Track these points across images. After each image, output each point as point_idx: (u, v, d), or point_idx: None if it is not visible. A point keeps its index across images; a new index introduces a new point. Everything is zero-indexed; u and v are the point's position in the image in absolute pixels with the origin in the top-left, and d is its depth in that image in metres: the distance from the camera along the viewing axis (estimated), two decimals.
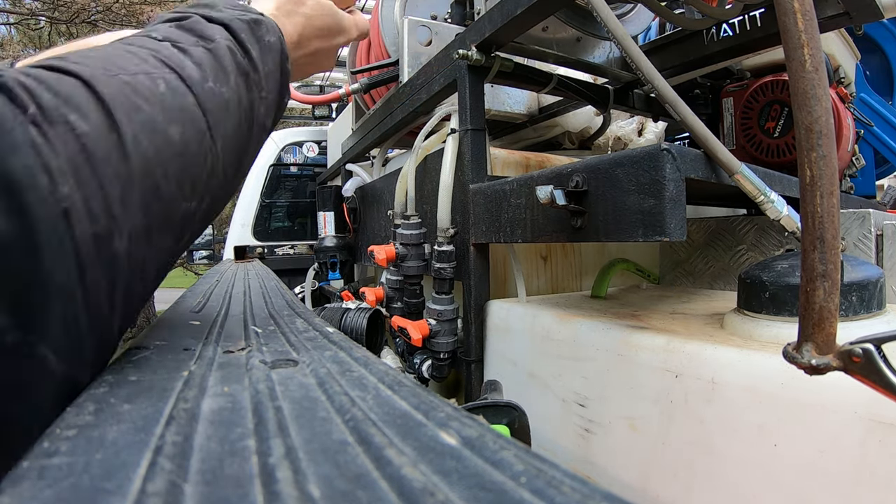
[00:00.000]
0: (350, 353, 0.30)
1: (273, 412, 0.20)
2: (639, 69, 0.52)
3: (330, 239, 1.48)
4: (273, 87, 0.36)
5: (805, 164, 0.32)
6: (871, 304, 0.48)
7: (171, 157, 0.26)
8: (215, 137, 0.29)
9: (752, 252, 0.81)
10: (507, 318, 0.72)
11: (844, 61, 1.17)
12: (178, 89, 0.27)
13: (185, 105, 0.27)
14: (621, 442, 0.52)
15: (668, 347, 0.49)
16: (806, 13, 0.33)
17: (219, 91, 0.30)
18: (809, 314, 0.31)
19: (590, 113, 1.14)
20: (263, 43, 0.35)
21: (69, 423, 0.17)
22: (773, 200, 0.51)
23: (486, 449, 0.16)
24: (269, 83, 0.35)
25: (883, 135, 1.42)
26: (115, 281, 0.23)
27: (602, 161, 0.51)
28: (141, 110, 0.24)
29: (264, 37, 0.36)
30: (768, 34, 0.74)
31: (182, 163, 0.27)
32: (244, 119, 0.32)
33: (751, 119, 1.05)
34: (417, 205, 0.92)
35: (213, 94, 0.29)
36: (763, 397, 0.41)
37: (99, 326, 0.22)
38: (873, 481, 0.35)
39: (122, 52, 0.27)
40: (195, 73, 0.29)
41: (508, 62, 0.80)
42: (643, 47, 0.90)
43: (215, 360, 0.27)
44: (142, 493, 0.13)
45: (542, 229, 0.60)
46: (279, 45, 0.37)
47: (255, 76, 0.34)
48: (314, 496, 0.13)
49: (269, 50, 0.36)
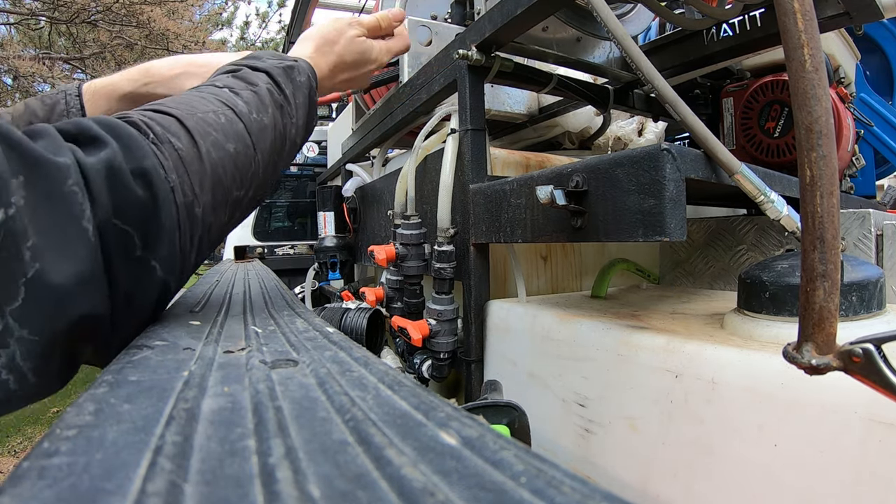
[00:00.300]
0: (350, 353, 0.30)
1: (273, 412, 0.20)
2: (639, 69, 0.52)
3: (330, 239, 1.48)
4: (302, 114, 0.50)
5: (805, 164, 0.32)
6: (871, 304, 0.48)
7: (228, 162, 0.40)
8: (257, 150, 0.43)
9: (752, 252, 0.81)
10: (507, 318, 0.72)
11: (844, 61, 1.17)
12: (233, 120, 0.42)
13: (237, 130, 0.42)
14: (621, 442, 0.52)
15: (668, 347, 0.49)
16: (806, 13, 0.33)
17: (260, 120, 0.44)
18: (809, 314, 0.31)
19: (590, 113, 1.14)
20: (296, 83, 0.50)
21: (69, 423, 0.17)
22: (773, 200, 0.51)
23: (486, 449, 0.16)
24: (299, 111, 0.49)
25: (883, 135, 1.42)
26: (193, 231, 0.37)
27: (602, 161, 0.51)
28: (210, 134, 0.39)
29: (297, 78, 0.50)
30: (768, 34, 0.74)
31: (235, 166, 0.41)
32: (278, 137, 0.46)
33: (751, 119, 1.05)
34: (417, 205, 0.92)
35: (256, 122, 0.43)
36: (763, 397, 0.41)
37: (183, 256, 0.36)
38: (873, 481, 0.35)
39: (198, 98, 0.42)
40: (244, 109, 0.43)
41: (508, 62, 0.79)
42: (643, 47, 0.90)
43: (215, 360, 0.27)
44: (142, 493, 0.13)
45: (542, 229, 0.60)
46: (308, 82, 0.51)
47: (288, 107, 0.48)
48: (314, 496, 0.13)
49: (300, 87, 0.50)
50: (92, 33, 5.64)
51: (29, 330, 0.26)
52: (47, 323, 0.27)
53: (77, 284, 0.28)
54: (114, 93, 0.60)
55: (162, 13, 5.54)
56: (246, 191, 0.43)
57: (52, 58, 5.50)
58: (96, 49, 5.68)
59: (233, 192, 0.41)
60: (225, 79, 0.46)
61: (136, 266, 0.32)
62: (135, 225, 0.31)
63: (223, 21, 7.60)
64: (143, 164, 0.32)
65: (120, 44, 5.68)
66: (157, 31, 5.46)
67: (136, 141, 0.33)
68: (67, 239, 0.27)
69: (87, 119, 0.33)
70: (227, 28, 7.74)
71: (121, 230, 0.30)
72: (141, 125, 0.34)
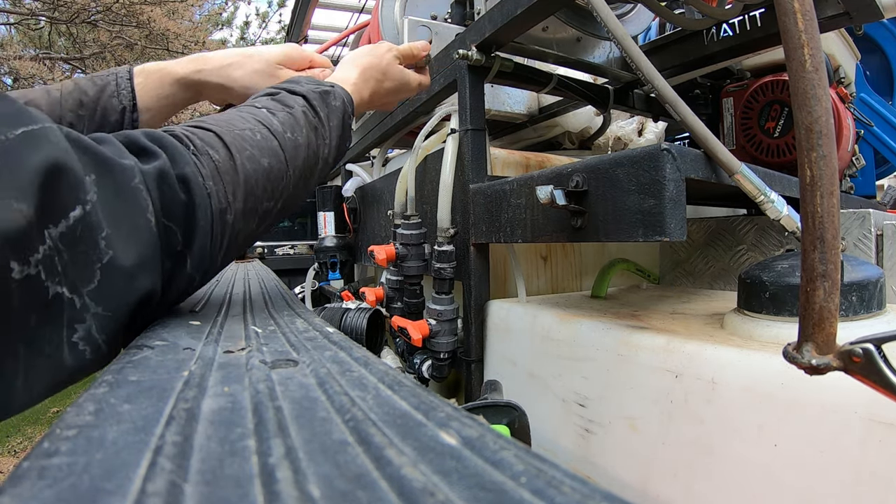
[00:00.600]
0: (350, 353, 0.30)
1: (273, 412, 0.20)
2: (639, 69, 0.52)
3: (330, 239, 1.48)
4: (335, 136, 0.53)
5: (805, 164, 0.32)
6: (871, 304, 0.48)
7: (262, 176, 0.43)
8: (290, 166, 0.47)
9: (752, 252, 0.81)
10: (507, 318, 0.72)
11: (844, 61, 1.17)
12: (268, 137, 0.45)
13: (272, 147, 0.45)
14: (621, 442, 0.52)
15: (668, 347, 0.49)
16: (806, 13, 0.33)
17: (294, 139, 0.47)
18: (809, 314, 0.31)
19: (590, 113, 1.14)
20: (331, 107, 0.53)
21: (69, 423, 0.17)
22: (773, 200, 0.51)
23: (486, 449, 0.16)
24: (332, 133, 0.53)
25: (883, 135, 1.42)
26: (223, 235, 0.40)
27: (602, 161, 0.51)
28: (246, 149, 0.42)
29: (332, 102, 0.53)
30: (768, 34, 0.74)
31: (267, 179, 0.44)
32: (311, 156, 0.50)
33: (751, 119, 1.05)
34: (417, 205, 0.92)
35: (290, 141, 0.47)
36: (763, 397, 0.41)
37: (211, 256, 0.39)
38: (873, 481, 0.35)
39: (237, 117, 0.45)
40: (279, 128, 0.46)
41: (508, 62, 0.80)
42: (643, 47, 0.90)
43: (215, 360, 0.27)
44: (142, 493, 0.13)
45: (542, 229, 0.60)
46: (343, 107, 0.55)
47: (322, 129, 0.51)
48: (314, 496, 0.13)
49: (335, 111, 0.53)
50: (92, 33, 5.64)
51: (103, 307, 0.30)
52: (118, 300, 0.31)
53: (140, 266, 0.32)
54: (167, 76, 0.61)
55: (162, 13, 5.54)
56: (276, 203, 0.46)
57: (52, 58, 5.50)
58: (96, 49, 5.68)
59: (263, 203, 0.44)
60: (264, 100, 0.49)
61: (175, 259, 0.36)
62: (178, 223, 0.36)
63: (223, 21, 7.60)
64: (184, 171, 0.36)
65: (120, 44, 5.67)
66: (157, 31, 5.46)
67: (179, 151, 0.37)
68: (136, 228, 0.32)
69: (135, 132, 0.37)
70: (227, 28, 7.73)
71: (167, 227, 0.35)
72: (183, 138, 0.39)
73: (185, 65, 0.62)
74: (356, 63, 0.63)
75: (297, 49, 0.67)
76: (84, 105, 0.57)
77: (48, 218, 0.27)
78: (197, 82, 0.62)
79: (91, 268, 0.29)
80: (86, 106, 0.57)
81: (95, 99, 0.57)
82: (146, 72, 0.61)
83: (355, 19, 3.12)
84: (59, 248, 0.27)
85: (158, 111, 0.61)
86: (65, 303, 0.28)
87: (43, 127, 0.28)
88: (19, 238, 0.25)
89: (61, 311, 0.28)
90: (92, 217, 0.29)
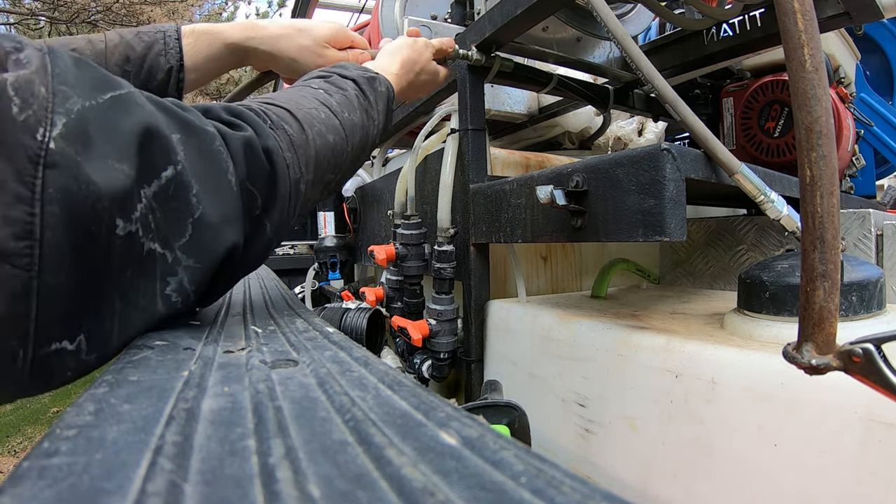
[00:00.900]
0: (350, 353, 0.30)
1: (273, 412, 0.20)
2: (639, 69, 0.52)
3: (330, 239, 1.48)
4: (381, 119, 0.57)
5: (805, 164, 0.32)
6: (871, 304, 0.48)
7: (328, 150, 0.47)
8: (349, 143, 0.50)
9: (752, 252, 0.81)
10: (507, 318, 0.72)
11: (844, 61, 1.17)
12: (330, 116, 0.49)
13: (334, 124, 0.49)
14: (621, 442, 0.52)
15: (668, 347, 0.49)
16: (806, 13, 0.33)
17: (350, 118, 0.51)
18: (809, 314, 0.31)
19: (590, 113, 1.14)
20: (377, 92, 0.57)
21: (69, 423, 0.17)
22: (773, 200, 0.51)
23: (486, 449, 0.16)
24: (379, 115, 0.57)
25: (883, 135, 1.42)
26: (296, 202, 0.43)
27: (602, 161, 0.51)
28: (315, 125, 0.46)
29: (378, 87, 0.57)
30: (768, 34, 0.74)
31: (332, 153, 0.48)
32: (364, 135, 0.54)
33: (751, 119, 1.05)
34: (417, 205, 0.92)
35: (348, 120, 0.51)
36: (763, 397, 0.41)
37: (287, 221, 0.43)
38: (873, 481, 0.35)
39: (300, 96, 0.48)
40: (338, 108, 0.50)
41: (508, 62, 0.80)
42: (643, 47, 0.90)
43: (215, 360, 0.27)
44: (142, 493, 0.13)
45: (542, 229, 0.60)
46: (387, 92, 0.59)
47: (371, 111, 0.55)
48: (314, 496, 0.13)
49: (381, 96, 0.57)
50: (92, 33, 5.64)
51: (195, 259, 0.33)
52: (207, 253, 0.34)
53: (225, 222, 0.35)
54: (217, 39, 0.62)
55: (162, 13, 5.54)
56: (336, 175, 0.50)
57: None
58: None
59: (327, 175, 0.48)
60: (319, 82, 0.53)
61: (254, 223, 0.39)
62: (260, 189, 0.39)
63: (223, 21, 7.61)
64: (267, 143, 0.39)
65: None
66: None
67: (260, 125, 0.40)
68: (219, 186, 0.35)
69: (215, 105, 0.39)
70: None
71: (249, 191, 0.38)
72: (260, 112, 0.41)
73: (238, 31, 0.63)
74: (398, 56, 0.66)
75: (343, 30, 0.69)
76: (131, 61, 0.56)
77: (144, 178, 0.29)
78: (247, 49, 0.63)
79: (184, 223, 0.32)
80: (132, 62, 0.56)
81: (142, 56, 0.57)
82: (196, 32, 0.60)
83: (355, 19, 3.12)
84: (153, 205, 0.30)
85: (206, 73, 0.62)
86: (157, 258, 0.31)
87: (129, 91, 0.30)
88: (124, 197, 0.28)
89: (154, 265, 0.31)
90: (183, 176, 0.32)
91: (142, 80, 0.57)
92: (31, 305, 0.25)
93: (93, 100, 0.28)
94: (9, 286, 0.24)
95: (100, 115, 0.28)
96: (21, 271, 0.24)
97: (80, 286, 0.27)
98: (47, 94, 0.26)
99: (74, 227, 0.26)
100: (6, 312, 0.24)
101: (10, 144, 0.24)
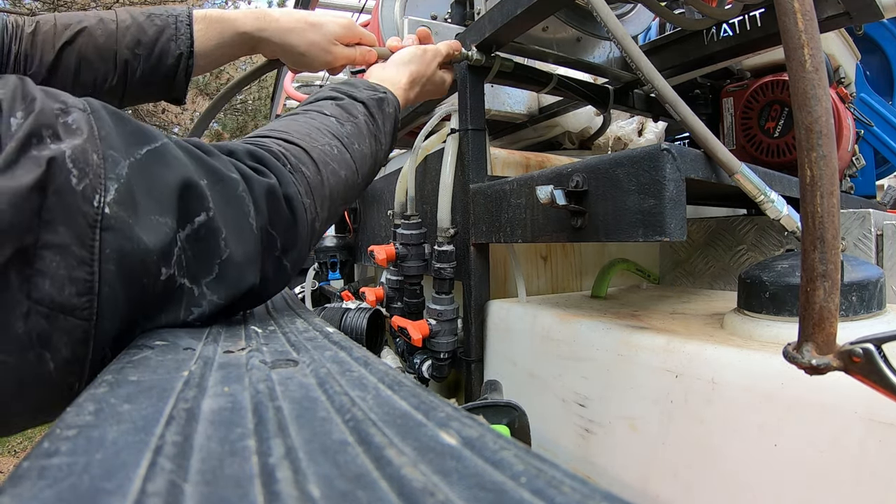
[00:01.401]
0: (350, 353, 0.30)
1: (273, 412, 0.20)
2: (639, 69, 0.52)
3: (330, 239, 1.48)
4: (388, 141, 0.59)
5: (805, 164, 0.32)
6: (871, 304, 0.48)
7: (341, 186, 0.49)
8: (359, 175, 0.52)
9: (752, 252, 0.81)
10: (508, 318, 0.72)
11: (844, 61, 1.17)
12: (342, 151, 0.50)
13: (346, 159, 0.50)
14: (621, 442, 0.52)
15: (668, 347, 0.49)
16: (806, 13, 0.33)
17: (360, 149, 0.52)
18: (809, 314, 0.31)
19: (590, 113, 1.14)
20: (385, 114, 0.58)
21: (69, 423, 0.17)
22: (773, 200, 0.51)
23: (486, 449, 0.16)
24: (386, 138, 0.58)
25: (883, 135, 1.42)
26: (311, 239, 0.45)
27: (602, 161, 0.51)
28: (329, 164, 0.47)
29: (386, 109, 0.58)
30: (768, 34, 0.74)
31: (345, 188, 0.50)
32: (373, 163, 0.55)
33: (751, 119, 1.05)
34: (417, 205, 0.92)
35: (358, 152, 0.52)
36: (763, 397, 0.41)
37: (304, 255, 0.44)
38: (873, 481, 0.35)
39: (314, 129, 0.49)
40: (348, 141, 0.51)
41: (508, 62, 0.80)
42: (643, 47, 0.90)
43: (215, 360, 0.27)
44: (142, 493, 0.13)
45: (542, 229, 0.60)
46: (394, 113, 0.60)
47: (380, 135, 0.56)
48: (314, 496, 0.13)
49: (388, 117, 0.58)
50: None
51: (218, 296, 0.35)
52: (230, 290, 0.36)
53: (248, 263, 0.37)
54: (229, 27, 0.61)
55: None
56: (346, 204, 0.53)
57: None
58: None
59: (339, 208, 0.51)
60: (331, 107, 0.54)
61: (274, 262, 0.41)
62: (280, 233, 0.41)
63: None
64: (288, 191, 0.41)
65: None
66: None
67: (282, 171, 0.42)
68: (242, 230, 0.37)
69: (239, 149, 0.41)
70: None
71: (271, 234, 0.40)
72: (280, 156, 0.43)
73: (250, 20, 0.63)
74: (407, 69, 0.67)
75: (353, 26, 0.69)
76: (142, 44, 0.56)
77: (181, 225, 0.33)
78: (258, 39, 0.63)
79: (212, 262, 0.35)
80: (143, 45, 0.56)
81: (154, 40, 0.57)
82: (208, 19, 0.60)
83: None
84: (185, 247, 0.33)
85: (214, 59, 0.62)
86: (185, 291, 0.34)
87: (163, 143, 0.33)
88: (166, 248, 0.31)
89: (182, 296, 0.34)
90: (214, 222, 0.35)
91: (152, 63, 0.57)
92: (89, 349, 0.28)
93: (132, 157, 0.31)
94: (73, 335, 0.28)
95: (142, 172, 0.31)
96: (83, 322, 0.28)
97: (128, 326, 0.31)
98: (99, 160, 0.29)
99: (128, 281, 0.29)
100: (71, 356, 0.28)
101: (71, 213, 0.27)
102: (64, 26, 0.53)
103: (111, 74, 0.56)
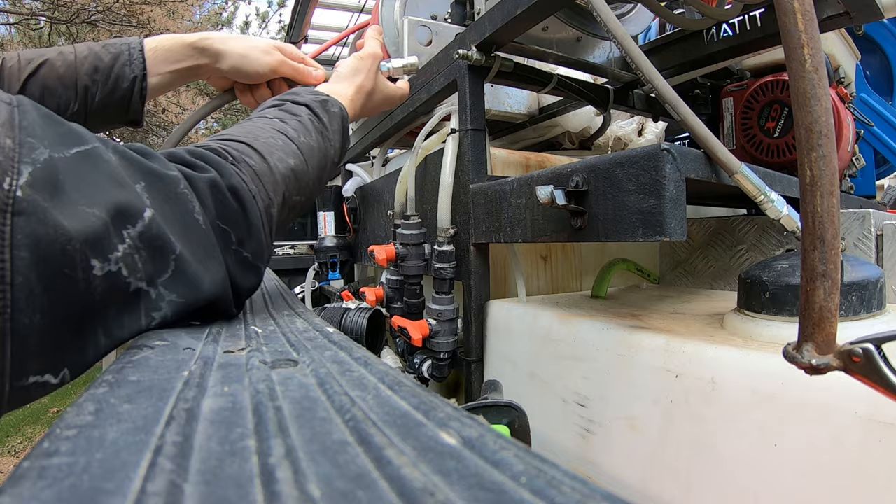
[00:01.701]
0: (350, 353, 0.30)
1: (273, 412, 0.20)
2: (639, 69, 0.52)
3: (330, 239, 1.48)
4: (338, 138, 0.59)
5: (805, 164, 0.32)
6: (871, 304, 0.48)
7: (290, 174, 0.49)
8: (309, 166, 0.52)
9: (752, 252, 0.81)
10: (508, 318, 0.72)
11: (844, 61, 1.17)
12: (287, 142, 0.50)
13: (293, 149, 0.50)
14: (621, 442, 0.52)
15: (668, 347, 0.49)
16: (806, 13, 0.33)
17: (307, 142, 0.53)
18: (809, 314, 0.31)
19: (590, 113, 1.14)
20: (330, 113, 0.59)
21: (69, 423, 0.17)
22: (773, 200, 0.51)
23: (486, 449, 0.16)
24: (334, 136, 0.58)
25: (883, 135, 1.42)
26: (270, 227, 0.45)
27: (602, 161, 0.51)
28: (274, 154, 0.48)
29: (331, 109, 0.59)
30: (768, 34, 0.74)
31: (295, 177, 0.50)
32: (322, 156, 0.56)
33: (751, 119, 1.05)
34: (417, 205, 0.92)
35: (305, 144, 0.52)
36: (763, 397, 0.41)
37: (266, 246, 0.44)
38: (873, 481, 0.35)
39: (256, 127, 0.50)
40: (294, 134, 0.52)
41: (508, 62, 0.79)
42: (643, 47, 0.90)
43: (215, 360, 0.27)
44: (142, 493, 0.13)
45: (542, 229, 0.60)
46: (340, 112, 0.60)
47: (326, 132, 0.57)
48: (314, 496, 0.13)
49: (334, 116, 0.59)
50: (92, 33, 5.63)
51: (177, 294, 0.35)
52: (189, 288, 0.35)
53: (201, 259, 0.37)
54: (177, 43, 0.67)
55: (162, 13, 5.54)
56: (301, 196, 0.53)
57: None
58: None
59: (294, 197, 0.50)
60: (273, 111, 0.55)
61: (234, 256, 0.41)
62: (232, 225, 0.40)
63: (223, 21, 7.60)
64: (231, 182, 0.41)
65: None
66: (157, 31, 5.46)
67: (223, 164, 0.42)
68: (188, 226, 0.36)
69: (179, 150, 0.42)
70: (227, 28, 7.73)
71: (222, 228, 0.40)
72: (221, 151, 0.43)
73: (195, 35, 0.69)
74: (351, 81, 0.69)
75: (296, 49, 0.73)
76: (99, 71, 0.62)
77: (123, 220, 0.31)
78: (202, 48, 0.68)
79: (164, 260, 0.34)
80: (101, 72, 0.62)
81: (110, 66, 0.62)
82: (158, 40, 0.66)
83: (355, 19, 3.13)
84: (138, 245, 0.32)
85: (168, 80, 0.67)
86: (142, 295, 0.33)
87: (94, 147, 0.32)
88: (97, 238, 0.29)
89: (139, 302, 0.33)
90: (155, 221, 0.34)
91: (109, 87, 0.62)
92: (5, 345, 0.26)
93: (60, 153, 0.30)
94: None
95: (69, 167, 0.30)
96: None
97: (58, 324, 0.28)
98: (14, 145, 0.27)
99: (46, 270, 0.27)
100: None
101: None
102: (27, 60, 0.59)
103: (73, 101, 0.61)
